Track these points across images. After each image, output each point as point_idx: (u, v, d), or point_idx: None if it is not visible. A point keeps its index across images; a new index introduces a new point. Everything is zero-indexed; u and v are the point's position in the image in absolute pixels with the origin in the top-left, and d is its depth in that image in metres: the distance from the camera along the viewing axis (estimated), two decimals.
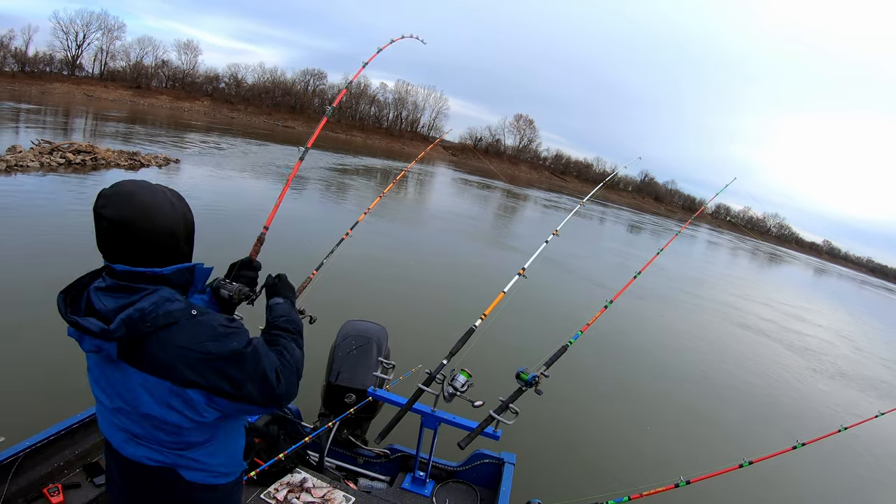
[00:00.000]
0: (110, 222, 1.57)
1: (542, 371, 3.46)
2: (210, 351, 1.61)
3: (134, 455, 1.74)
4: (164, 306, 1.60)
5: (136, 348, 1.60)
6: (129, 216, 1.58)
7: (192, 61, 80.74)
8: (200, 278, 1.82)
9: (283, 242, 12.54)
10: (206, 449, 1.79)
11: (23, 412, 4.53)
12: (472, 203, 38.92)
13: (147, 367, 1.61)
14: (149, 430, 1.69)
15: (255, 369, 1.66)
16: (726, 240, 73.82)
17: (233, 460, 1.92)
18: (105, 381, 1.70)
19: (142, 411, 1.65)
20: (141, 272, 1.62)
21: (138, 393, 1.63)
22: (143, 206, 1.61)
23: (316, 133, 3.37)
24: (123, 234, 1.59)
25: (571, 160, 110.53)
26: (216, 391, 1.63)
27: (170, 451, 1.73)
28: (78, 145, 19.21)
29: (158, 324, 1.58)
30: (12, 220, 10.62)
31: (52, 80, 65.24)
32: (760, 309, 22.16)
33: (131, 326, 1.55)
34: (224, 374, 1.62)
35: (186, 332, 1.61)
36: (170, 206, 1.69)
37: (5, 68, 63.04)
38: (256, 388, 1.67)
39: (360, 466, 4.23)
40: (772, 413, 10.21)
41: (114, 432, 1.76)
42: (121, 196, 1.59)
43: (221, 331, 1.66)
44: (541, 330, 10.40)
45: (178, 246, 1.73)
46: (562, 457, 6.59)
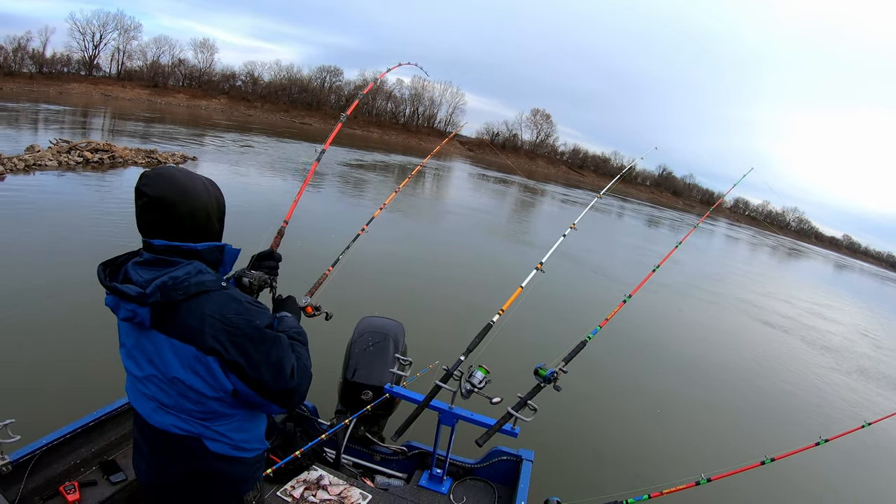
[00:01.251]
0: (150, 198, 1.71)
1: (561, 367, 3.41)
2: (234, 322, 1.72)
3: (161, 423, 1.84)
4: (196, 276, 1.71)
5: (168, 315, 1.71)
6: (168, 193, 1.72)
7: (209, 60, 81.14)
8: (229, 259, 1.92)
9: (301, 238, 12.59)
10: (230, 424, 1.88)
11: (39, 410, 4.54)
12: (489, 198, 38.79)
13: (176, 332, 1.71)
14: (176, 399, 1.79)
15: (273, 355, 1.76)
16: (746, 234, 73.15)
17: (255, 437, 2.01)
18: (137, 349, 1.81)
19: (170, 375, 1.75)
20: (176, 246, 1.75)
21: (167, 357, 1.74)
22: (180, 185, 1.75)
23: (331, 137, 3.47)
24: (162, 209, 1.72)
25: (589, 154, 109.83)
26: (232, 366, 1.72)
27: (196, 421, 1.83)
28: (95, 144, 19.34)
29: (190, 292, 1.69)
30: (30, 219, 10.71)
31: (70, 81, 65.82)
32: (780, 305, 21.90)
33: (165, 292, 1.66)
34: (242, 350, 1.72)
35: (215, 301, 1.73)
36: (204, 189, 1.84)
37: (23, 69, 63.61)
38: (271, 374, 1.75)
39: (376, 463, 4.20)
40: (793, 410, 10.09)
41: (143, 402, 1.87)
42: (161, 177, 1.74)
43: (248, 307, 1.78)
44: (559, 325, 10.33)
45: (212, 224, 1.86)
46: (580, 454, 6.53)
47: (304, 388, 1.86)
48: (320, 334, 4.72)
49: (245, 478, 2.02)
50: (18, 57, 63.70)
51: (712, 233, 57.48)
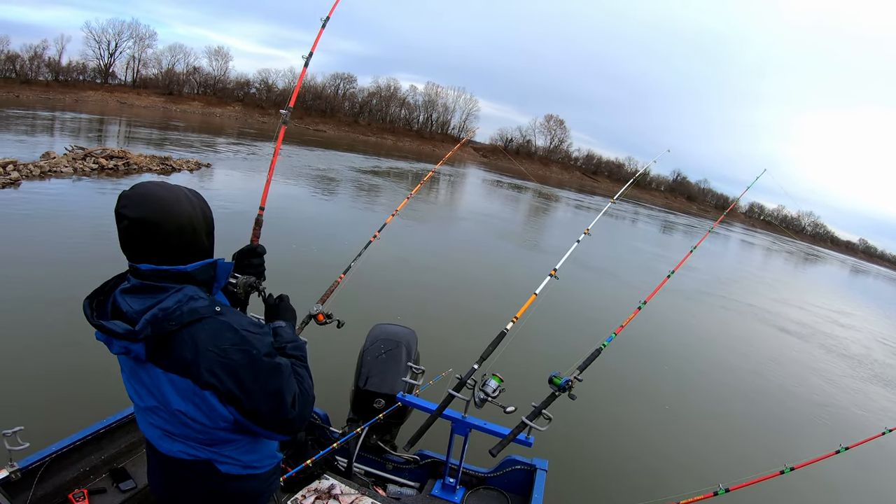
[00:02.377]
0: (131, 221, 1.60)
1: (576, 375, 3.36)
2: (229, 353, 1.62)
3: (170, 451, 1.80)
4: (188, 304, 1.62)
5: (163, 347, 1.63)
6: (149, 213, 1.60)
7: (223, 67, 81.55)
8: (223, 274, 1.83)
9: (315, 244, 12.59)
10: (239, 447, 1.83)
11: (48, 418, 4.54)
12: (502, 204, 38.75)
13: (172, 366, 1.63)
14: (181, 428, 1.74)
15: (272, 385, 1.67)
16: (761, 239, 72.52)
17: (267, 454, 1.95)
18: (136, 381, 1.75)
19: (172, 408, 1.68)
20: (165, 270, 1.65)
21: (166, 390, 1.67)
22: (162, 203, 1.63)
23: (295, 92, 3.25)
24: (145, 232, 1.61)
25: (603, 160, 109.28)
26: (228, 398, 1.64)
27: (203, 447, 1.78)
28: (110, 151, 19.49)
29: (184, 321, 1.60)
30: (43, 225, 10.78)
31: (86, 89, 66.50)
32: (796, 311, 21.65)
33: (156, 326, 1.58)
34: (239, 382, 1.62)
35: (209, 330, 1.63)
36: (188, 203, 1.71)
37: (39, 77, 64.32)
38: (269, 406, 1.67)
39: (389, 472, 4.17)
40: (811, 417, 9.93)
41: (149, 429, 1.83)
42: (140, 196, 1.62)
43: (244, 335, 1.66)
44: (573, 332, 10.24)
45: (200, 240, 1.75)
46: (595, 463, 6.45)
47: (307, 414, 1.79)
48: (332, 342, 4.72)
49: (260, 492, 1.99)
50: (35, 65, 64.48)
51: (728, 238, 57.04)
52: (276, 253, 2.49)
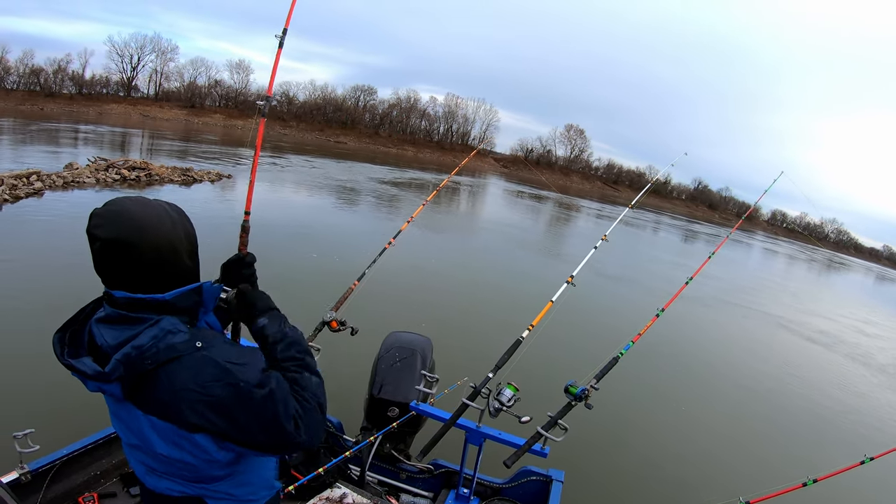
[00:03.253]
0: (103, 242, 1.45)
1: (592, 384, 3.30)
2: (212, 391, 1.45)
3: (157, 487, 1.65)
4: (164, 339, 1.46)
5: (140, 387, 1.47)
6: (123, 233, 1.45)
7: (244, 80, 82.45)
8: (210, 298, 1.67)
9: (331, 250, 12.62)
10: (232, 481, 1.68)
11: (60, 422, 4.55)
12: (521, 213, 38.68)
13: (151, 408, 1.48)
14: (167, 467, 1.59)
15: (266, 414, 1.48)
16: (783, 247, 71.64)
17: (263, 486, 1.80)
18: (117, 419, 1.61)
19: (155, 451, 1.54)
20: (141, 299, 1.49)
21: (147, 433, 1.52)
22: (137, 222, 1.47)
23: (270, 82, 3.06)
24: (119, 254, 1.46)
25: (624, 169, 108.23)
26: (224, 436, 1.49)
27: (192, 484, 1.63)
28: (132, 162, 19.74)
29: (160, 359, 1.45)
30: (64, 233, 10.89)
31: (109, 102, 67.58)
32: (820, 319, 21.29)
33: (129, 366, 1.43)
34: (230, 418, 1.46)
35: (190, 369, 1.47)
36: (168, 220, 1.55)
37: (63, 91, 65.61)
38: (269, 437, 1.50)
39: (402, 482, 4.12)
40: (834, 427, 9.72)
41: (135, 465, 1.68)
42: (113, 213, 1.47)
43: (228, 367, 1.49)
44: (589, 340, 10.15)
45: (182, 262, 1.58)
46: (613, 474, 6.34)
47: (316, 428, 1.58)
48: (346, 349, 4.69)
49: None
50: (59, 78, 65.86)
51: (750, 246, 56.47)
52: (292, 261, 2.47)
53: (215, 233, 5.06)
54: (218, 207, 17.29)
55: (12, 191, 13.36)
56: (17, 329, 6.56)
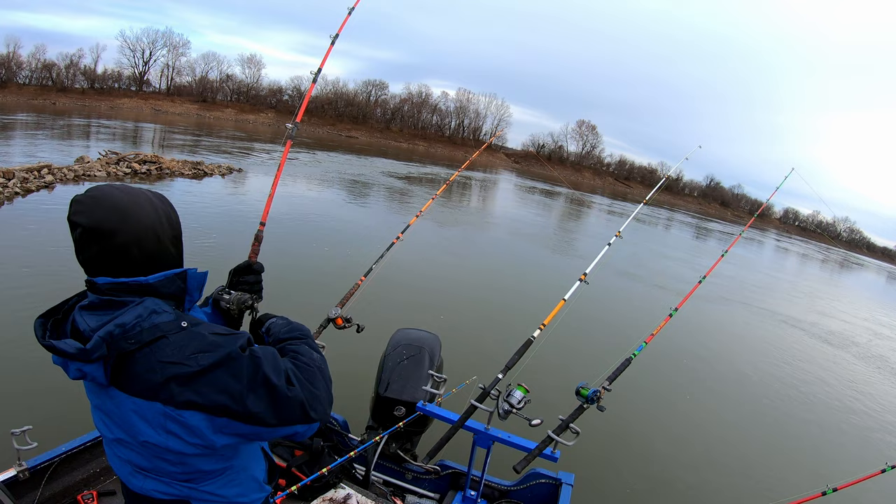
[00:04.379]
0: (84, 229, 1.41)
1: (604, 385, 3.20)
2: (198, 360, 1.40)
3: (142, 489, 1.58)
4: (149, 319, 1.43)
5: (124, 368, 1.42)
6: (104, 220, 1.41)
7: (256, 75, 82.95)
8: (195, 286, 1.62)
9: (339, 244, 12.55)
10: (220, 480, 1.61)
11: (59, 418, 4.50)
12: (532, 209, 38.48)
13: (136, 389, 1.42)
14: (152, 461, 1.51)
15: (254, 375, 1.43)
16: (796, 246, 71.10)
17: (252, 487, 1.72)
18: (100, 410, 1.54)
19: (140, 439, 1.47)
20: (124, 283, 1.45)
21: (133, 420, 1.45)
22: (118, 208, 1.44)
23: (303, 107, 3.14)
24: (100, 240, 1.42)
25: (635, 166, 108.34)
26: (217, 410, 1.41)
27: (179, 483, 1.55)
28: (143, 156, 19.80)
29: (144, 339, 1.40)
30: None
31: (121, 96, 68.21)
32: (837, 321, 21.03)
33: (112, 344, 1.38)
34: (219, 387, 1.40)
35: (175, 345, 1.42)
36: (150, 207, 1.52)
37: (75, 85, 66.26)
38: (262, 400, 1.42)
39: (408, 482, 4.04)
40: (853, 435, 9.52)
41: (119, 464, 1.60)
42: (95, 199, 1.43)
43: (213, 339, 1.46)
44: (602, 340, 10.06)
45: (165, 249, 1.55)
46: (624, 478, 6.23)
47: (321, 391, 1.54)
48: (353, 347, 4.61)
49: None
50: (71, 73, 66.63)
51: (762, 244, 56.13)
52: (299, 258, 2.42)
53: (224, 226, 5.01)
54: (228, 201, 17.27)
55: (23, 184, 13.41)
56: (14, 325, 6.55)
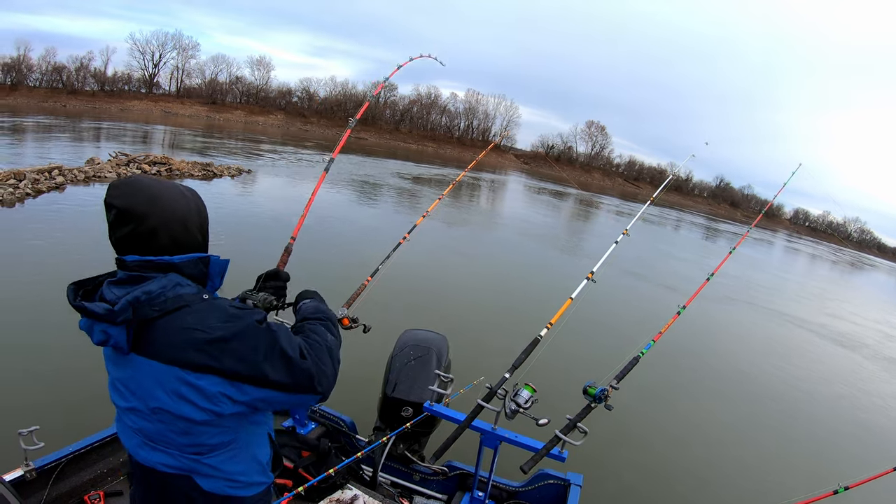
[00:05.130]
0: (119, 210, 1.54)
1: (612, 384, 3.18)
2: (220, 332, 1.51)
3: (148, 460, 1.65)
4: (173, 290, 1.55)
5: (145, 335, 1.53)
6: (138, 203, 1.54)
7: (265, 77, 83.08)
8: (217, 271, 1.72)
9: (346, 245, 12.55)
10: (225, 454, 1.67)
11: (67, 419, 4.52)
12: (541, 209, 38.43)
13: (155, 353, 1.52)
14: (162, 431, 1.59)
15: (270, 347, 1.55)
16: (807, 246, 70.64)
17: (255, 469, 1.77)
18: (118, 378, 1.64)
19: (152, 405, 1.55)
20: (151, 260, 1.56)
21: (148, 385, 1.55)
22: (151, 194, 1.57)
23: (340, 144, 3.35)
24: (132, 221, 1.54)
25: (645, 166, 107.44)
26: (232, 375, 1.52)
27: (184, 456, 1.62)
28: (153, 157, 19.92)
29: (167, 307, 1.52)
30: (84, 227, 10.95)
31: (131, 98, 68.52)
32: (847, 322, 20.88)
33: (137, 308, 1.49)
34: (236, 354, 1.51)
35: (196, 314, 1.54)
36: (181, 197, 1.65)
37: (86, 88, 66.67)
38: (277, 367, 1.54)
39: (415, 483, 4.03)
40: (865, 434, 9.45)
41: (129, 436, 1.69)
42: (130, 185, 1.57)
43: (233, 312, 1.58)
44: (610, 339, 10.01)
45: (192, 236, 1.66)
46: (633, 479, 6.19)
47: (326, 367, 1.65)
48: (360, 348, 4.59)
49: None
50: (81, 76, 66.96)
51: (772, 245, 55.86)
52: (310, 255, 2.45)
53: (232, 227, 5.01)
54: (237, 202, 17.32)
55: (34, 185, 13.51)
56: (21, 327, 6.63)
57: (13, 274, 8.26)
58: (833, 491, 3.37)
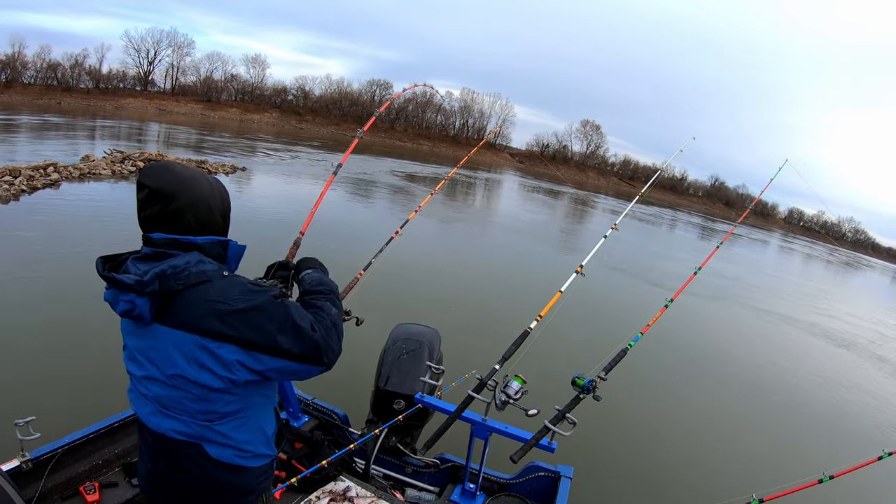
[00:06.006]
0: (150, 190, 1.66)
1: (600, 375, 3.22)
2: (240, 304, 1.63)
3: (160, 427, 1.75)
4: (197, 266, 1.66)
5: (168, 306, 1.64)
6: (168, 184, 1.67)
7: (260, 75, 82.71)
8: (234, 255, 1.84)
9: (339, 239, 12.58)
10: (234, 422, 1.78)
11: (63, 410, 4.55)
12: (535, 207, 38.46)
13: (178, 323, 1.63)
14: (177, 398, 1.70)
15: (284, 320, 1.66)
16: (801, 246, 70.78)
17: (261, 440, 1.88)
18: (136, 347, 1.74)
19: (170, 372, 1.66)
20: (175, 238, 1.68)
21: (168, 351, 1.65)
22: (180, 177, 1.71)
23: (348, 152, 3.52)
24: (161, 201, 1.67)
25: (640, 165, 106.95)
26: (249, 344, 1.63)
27: (196, 423, 1.73)
28: (148, 154, 19.90)
29: (191, 281, 1.63)
30: (81, 223, 10.96)
31: (126, 96, 68.15)
32: (835, 319, 20.94)
33: (164, 281, 1.60)
34: (253, 325, 1.63)
35: (218, 288, 1.65)
36: (206, 183, 1.79)
37: (80, 85, 66.20)
38: (289, 339, 1.66)
39: (407, 476, 4.06)
40: (850, 424, 9.56)
41: (142, 404, 1.78)
42: (162, 168, 1.71)
43: (251, 287, 1.70)
44: (599, 332, 10.07)
45: (214, 218, 1.79)
46: (622, 470, 6.26)
47: (333, 341, 1.76)
48: (353, 341, 4.62)
49: (249, 489, 1.91)
50: (76, 73, 66.51)
51: (767, 244, 56.06)
52: (304, 248, 2.54)
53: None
54: (231, 198, 17.16)
55: (29, 182, 13.47)
56: (16, 319, 6.66)
57: (8, 269, 8.27)
58: (818, 479, 3.41)
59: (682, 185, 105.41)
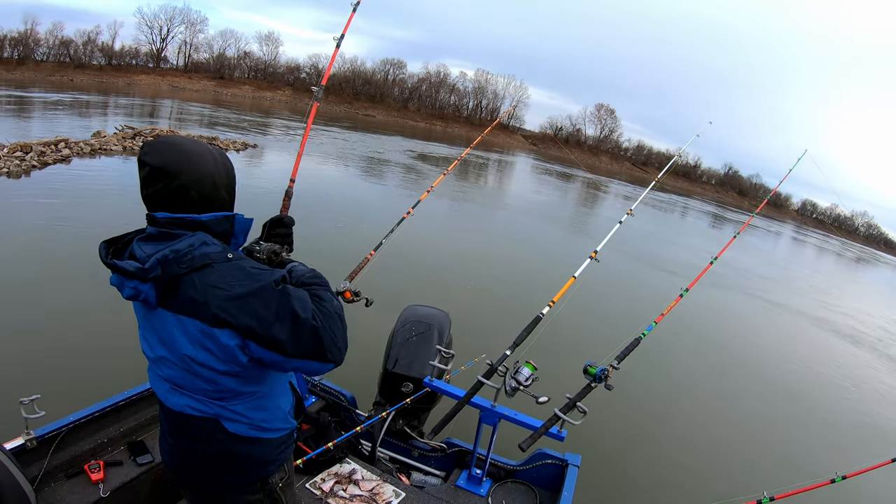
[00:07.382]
0: (152, 168, 1.61)
1: (612, 364, 3.16)
2: (237, 288, 1.59)
3: (177, 405, 1.77)
4: (200, 249, 1.61)
5: (172, 290, 1.61)
6: (170, 161, 1.62)
7: (274, 52, 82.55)
8: (241, 230, 1.81)
9: (352, 220, 12.53)
10: (248, 402, 1.79)
11: (68, 388, 4.54)
12: (548, 190, 38.30)
13: (181, 307, 1.61)
14: (188, 378, 1.71)
15: (282, 307, 1.59)
16: (813, 239, 70.30)
17: (278, 416, 1.89)
18: (148, 329, 1.74)
19: (179, 353, 1.66)
20: (179, 218, 1.64)
21: (175, 335, 1.65)
22: (183, 153, 1.65)
23: (326, 73, 3.44)
24: (164, 178, 1.61)
25: (653, 151, 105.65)
26: (246, 332, 1.58)
27: (211, 401, 1.74)
28: (159, 130, 19.95)
29: (194, 265, 1.59)
30: (89, 199, 10.95)
31: (138, 73, 68.15)
32: (851, 315, 20.72)
33: (166, 266, 1.57)
34: (250, 311, 1.58)
35: (220, 272, 1.61)
36: (210, 157, 1.72)
37: (93, 62, 66.20)
38: (285, 329, 1.59)
39: (414, 459, 4.03)
40: (864, 425, 9.45)
41: (159, 383, 1.81)
42: (164, 144, 1.65)
43: (253, 271, 1.65)
44: (612, 320, 10.01)
45: (220, 195, 1.74)
46: (631, 461, 6.21)
47: (336, 330, 1.68)
48: (362, 322, 4.58)
49: (269, 460, 1.91)
50: (88, 50, 66.46)
51: (779, 235, 55.65)
52: (313, 229, 2.43)
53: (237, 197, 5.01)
54: (241, 174, 17.15)
55: (40, 157, 13.51)
56: (23, 298, 6.66)
57: (12, 248, 8.28)
58: (831, 480, 3.35)
59: (696, 173, 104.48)
